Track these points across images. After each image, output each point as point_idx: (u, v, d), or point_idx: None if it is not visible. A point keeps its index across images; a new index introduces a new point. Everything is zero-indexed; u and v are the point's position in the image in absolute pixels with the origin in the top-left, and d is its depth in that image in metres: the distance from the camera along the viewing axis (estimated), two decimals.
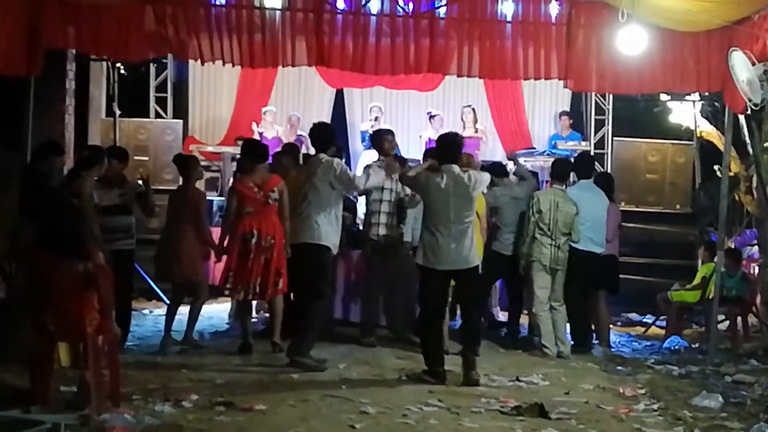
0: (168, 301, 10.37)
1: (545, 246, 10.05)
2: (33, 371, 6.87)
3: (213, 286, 10.45)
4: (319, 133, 9.39)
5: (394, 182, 10.02)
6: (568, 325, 10.33)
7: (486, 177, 8.92)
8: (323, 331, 9.33)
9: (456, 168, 8.53)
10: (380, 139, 10.27)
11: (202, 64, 11.68)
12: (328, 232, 8.84)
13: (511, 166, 11.84)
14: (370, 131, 14.83)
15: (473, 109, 15.26)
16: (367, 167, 9.66)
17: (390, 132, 10.51)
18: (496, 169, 10.71)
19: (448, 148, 8.72)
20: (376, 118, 15.08)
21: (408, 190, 9.86)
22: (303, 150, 12.50)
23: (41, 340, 6.84)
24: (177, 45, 11.10)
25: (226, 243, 9.64)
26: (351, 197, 11.14)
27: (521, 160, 13.61)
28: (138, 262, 11.13)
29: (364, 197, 10.51)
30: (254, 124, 15.01)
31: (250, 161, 9.71)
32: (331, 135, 9.43)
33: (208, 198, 11.44)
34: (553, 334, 10.08)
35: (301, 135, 14.67)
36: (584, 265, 10.22)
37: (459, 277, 8.57)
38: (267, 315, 10.54)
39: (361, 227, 10.85)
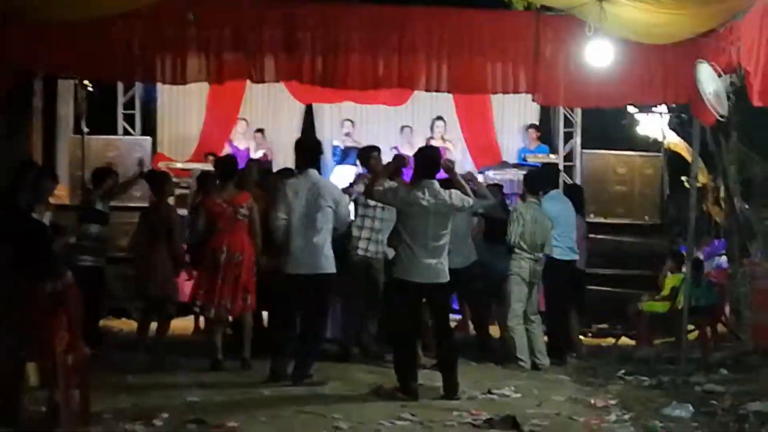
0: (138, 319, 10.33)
1: (524, 260, 10.08)
2: (2, 391, 6.81)
3: (181, 302, 10.41)
4: (309, 147, 9.37)
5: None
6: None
7: (465, 198, 8.64)
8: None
9: (436, 184, 8.48)
10: (367, 157, 10.27)
11: (173, 84, 11.66)
12: (332, 258, 8.86)
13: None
14: (342, 146, 14.93)
15: (444, 121, 15.33)
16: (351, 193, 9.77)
17: (376, 149, 10.51)
18: None
19: (429, 163, 8.66)
20: (347, 134, 15.10)
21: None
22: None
23: (9, 361, 6.78)
24: (144, 64, 11.10)
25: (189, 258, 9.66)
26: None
27: (490, 173, 13.72)
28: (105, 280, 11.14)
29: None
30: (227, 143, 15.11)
31: (221, 179, 9.71)
32: (319, 149, 9.46)
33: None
34: (527, 347, 10.11)
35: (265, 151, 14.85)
36: (564, 273, 10.28)
37: (434, 291, 8.52)
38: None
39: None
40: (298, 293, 8.83)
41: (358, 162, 11.72)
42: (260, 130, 15.60)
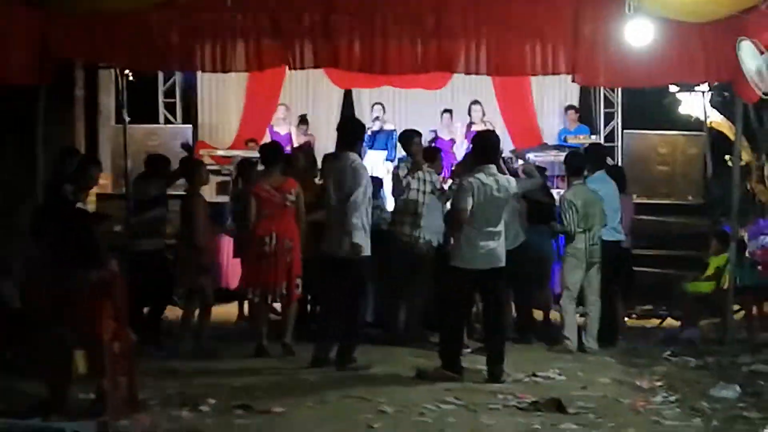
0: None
1: (580, 241, 10.04)
2: (51, 380, 6.89)
3: (225, 289, 10.50)
4: (348, 128, 9.39)
5: (420, 182, 10.07)
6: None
7: (514, 181, 8.85)
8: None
9: (494, 169, 8.53)
10: (409, 142, 10.30)
11: (213, 71, 11.70)
12: (367, 240, 8.84)
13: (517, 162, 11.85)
14: (369, 131, 14.92)
15: (481, 104, 15.29)
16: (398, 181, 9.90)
17: (418, 134, 10.54)
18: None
19: (489, 147, 8.72)
20: (376, 118, 15.06)
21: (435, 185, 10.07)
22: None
23: (58, 349, 6.85)
24: (183, 53, 11.14)
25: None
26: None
27: (531, 155, 13.66)
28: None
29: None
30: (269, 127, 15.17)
31: (266, 165, 9.75)
32: (360, 131, 9.43)
33: (219, 201, 11.49)
34: (576, 327, 10.08)
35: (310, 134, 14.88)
36: (611, 254, 10.23)
37: (491, 277, 8.51)
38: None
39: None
40: (336, 277, 8.86)
41: (398, 145, 11.64)
42: (304, 119, 15.60)
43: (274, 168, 9.68)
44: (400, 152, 12.03)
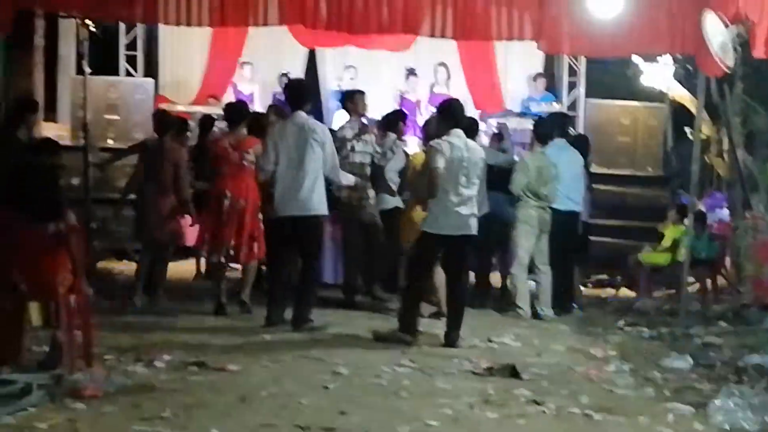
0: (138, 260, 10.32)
1: (532, 209, 10.07)
2: (3, 331, 6.82)
3: (186, 246, 10.44)
4: (296, 89, 9.33)
5: (363, 143, 10.04)
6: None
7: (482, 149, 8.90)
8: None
9: (462, 133, 8.51)
10: (351, 100, 10.29)
11: (176, 24, 11.55)
12: (323, 199, 8.83)
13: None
14: (341, 90, 14.85)
15: (446, 67, 15.25)
16: (342, 142, 9.76)
17: (360, 92, 10.53)
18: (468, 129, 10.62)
19: (458, 114, 8.69)
20: (351, 79, 15.04)
21: (376, 147, 10.01)
22: None
23: (11, 300, 6.78)
24: (146, 4, 11.00)
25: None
26: None
27: (493, 121, 13.68)
28: (105, 221, 11.18)
29: None
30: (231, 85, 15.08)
31: (229, 123, 9.67)
32: (306, 91, 9.35)
33: None
34: (528, 296, 10.14)
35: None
36: (566, 225, 10.28)
37: (461, 242, 8.51)
38: None
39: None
40: (289, 236, 8.84)
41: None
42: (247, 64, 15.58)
43: (236, 126, 9.60)
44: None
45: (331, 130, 10.42)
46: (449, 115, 8.66)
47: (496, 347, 8.54)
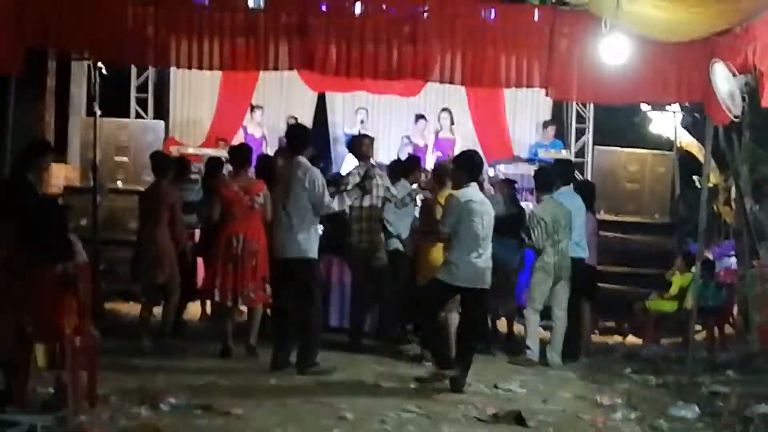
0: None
1: (549, 255, 10.06)
2: (10, 372, 6.81)
3: (192, 288, 10.47)
4: (294, 134, 9.38)
5: (375, 188, 10.04)
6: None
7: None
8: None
9: (477, 187, 8.68)
10: (359, 144, 10.31)
11: (188, 68, 11.66)
12: (311, 243, 8.81)
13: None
14: (349, 134, 14.94)
15: (450, 112, 15.31)
16: (344, 185, 9.74)
17: (368, 137, 10.56)
18: None
19: (475, 167, 8.79)
20: (361, 121, 15.11)
21: (393, 192, 10.01)
22: None
23: (18, 341, 6.78)
24: (158, 47, 11.11)
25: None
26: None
27: (502, 167, 13.72)
28: (113, 263, 11.19)
29: None
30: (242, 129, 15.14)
31: (234, 166, 9.72)
32: (306, 136, 9.35)
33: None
34: (538, 337, 10.11)
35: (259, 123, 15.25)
36: (573, 270, 10.26)
37: (472, 294, 8.54)
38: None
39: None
40: (283, 279, 8.90)
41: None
42: (256, 107, 15.60)
43: (242, 169, 9.64)
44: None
45: (339, 174, 10.47)
46: (468, 167, 8.73)
47: (502, 393, 8.51)
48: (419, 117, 15.42)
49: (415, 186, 10.64)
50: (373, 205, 10.17)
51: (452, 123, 15.27)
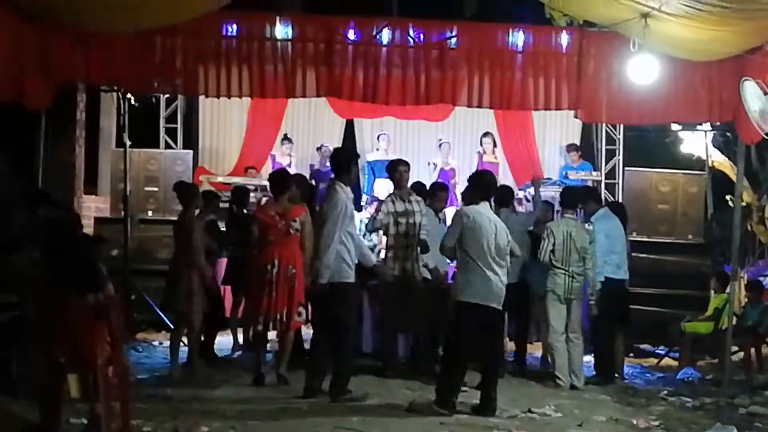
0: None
1: (559, 276, 10.00)
2: (44, 403, 6.82)
3: (223, 317, 10.50)
4: (333, 159, 9.41)
5: (410, 213, 10.00)
6: (585, 357, 10.28)
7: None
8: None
9: (488, 206, 8.61)
10: (393, 171, 10.27)
11: (216, 96, 11.72)
12: (349, 266, 8.78)
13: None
14: (373, 160, 14.93)
15: (492, 136, 15.29)
16: (377, 209, 9.80)
17: (404, 163, 10.49)
18: (502, 196, 10.56)
19: (488, 186, 8.84)
20: (385, 149, 15.13)
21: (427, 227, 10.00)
22: None
23: (52, 372, 6.80)
24: (186, 77, 11.18)
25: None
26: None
27: (532, 191, 13.65)
28: (145, 292, 11.24)
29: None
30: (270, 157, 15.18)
31: (273, 192, 9.72)
32: (341, 160, 9.33)
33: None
34: (567, 366, 10.01)
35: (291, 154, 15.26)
36: (618, 293, 10.19)
37: (490, 312, 8.46)
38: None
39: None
40: (321, 306, 8.92)
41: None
42: (287, 137, 15.62)
43: (281, 195, 9.61)
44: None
45: (376, 198, 10.43)
46: (479, 187, 8.77)
47: (536, 418, 8.42)
48: (446, 142, 15.39)
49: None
50: (406, 233, 10.11)
51: (495, 146, 15.25)
